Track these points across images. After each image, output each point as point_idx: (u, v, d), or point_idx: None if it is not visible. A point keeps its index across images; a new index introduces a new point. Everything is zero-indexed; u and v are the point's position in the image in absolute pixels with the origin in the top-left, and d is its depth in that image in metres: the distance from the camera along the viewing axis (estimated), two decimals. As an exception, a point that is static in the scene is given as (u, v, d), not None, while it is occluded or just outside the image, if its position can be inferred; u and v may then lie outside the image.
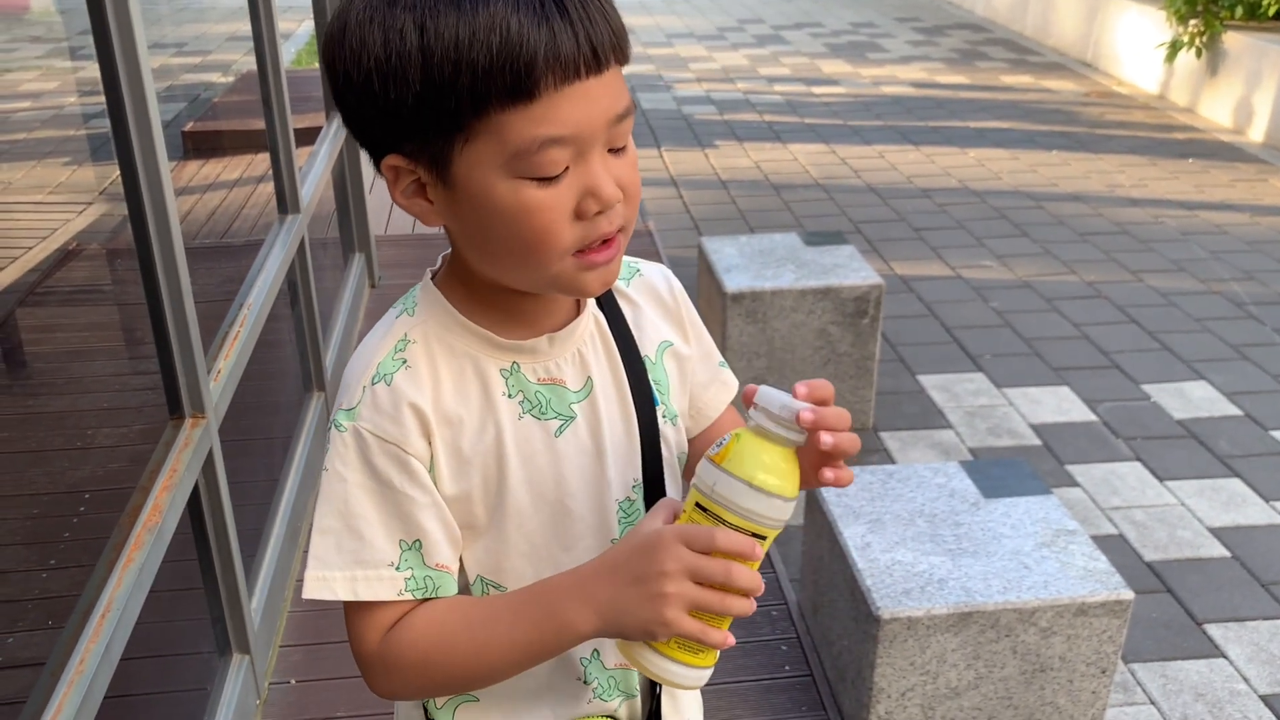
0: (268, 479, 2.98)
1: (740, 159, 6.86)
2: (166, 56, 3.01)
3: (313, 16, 4.32)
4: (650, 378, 1.13)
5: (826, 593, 2.53)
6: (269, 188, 3.19)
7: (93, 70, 1.91)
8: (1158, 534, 3.31)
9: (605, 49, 0.92)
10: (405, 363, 1.02)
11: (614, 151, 0.97)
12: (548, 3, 0.89)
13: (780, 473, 0.93)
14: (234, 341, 2.40)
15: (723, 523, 0.93)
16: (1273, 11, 7.34)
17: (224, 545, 2.28)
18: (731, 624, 0.97)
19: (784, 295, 3.61)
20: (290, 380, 3.39)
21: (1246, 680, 2.75)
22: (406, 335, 1.03)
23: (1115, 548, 3.22)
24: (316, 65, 4.46)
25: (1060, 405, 4.04)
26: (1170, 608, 3.01)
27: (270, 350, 3.00)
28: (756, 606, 0.95)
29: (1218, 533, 3.32)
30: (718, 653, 0.99)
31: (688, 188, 6.35)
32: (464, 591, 1.09)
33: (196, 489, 2.14)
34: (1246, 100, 7.28)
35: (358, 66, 0.92)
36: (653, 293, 1.18)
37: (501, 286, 1.03)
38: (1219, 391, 4.14)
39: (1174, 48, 7.80)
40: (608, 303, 1.13)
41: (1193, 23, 7.64)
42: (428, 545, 1.02)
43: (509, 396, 1.05)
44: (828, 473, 0.97)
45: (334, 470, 1.01)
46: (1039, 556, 2.33)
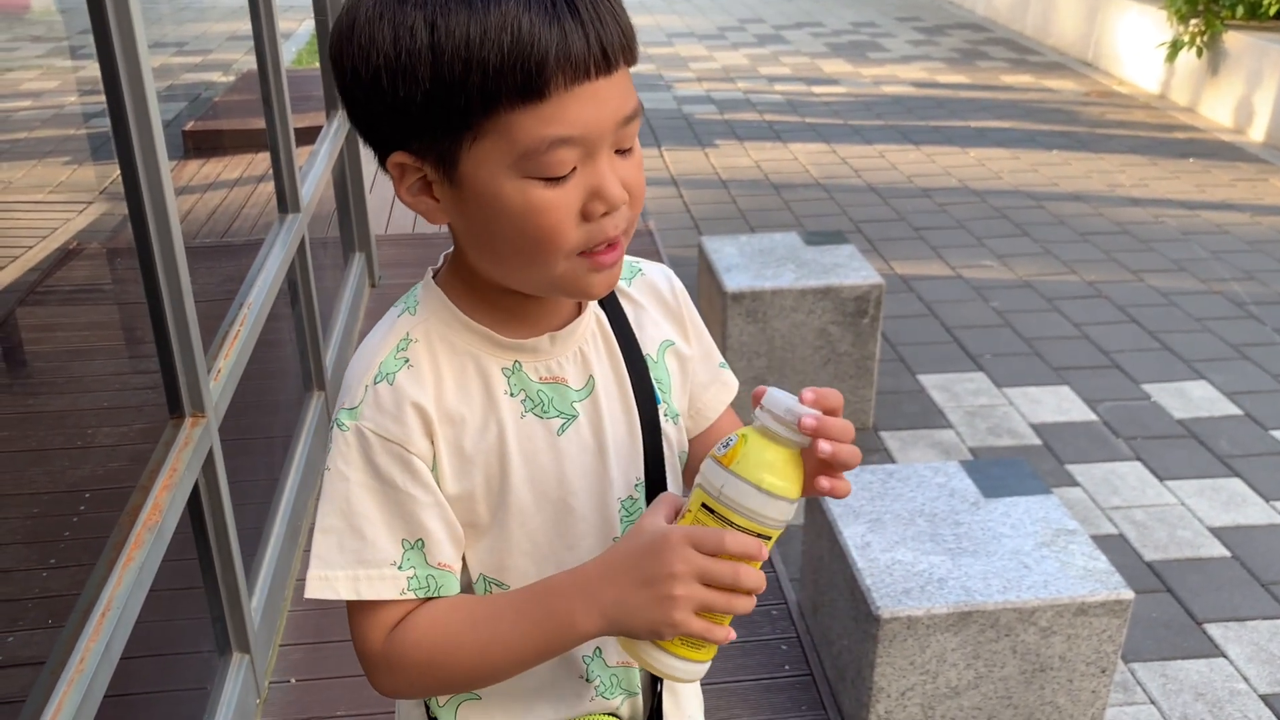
0: (268, 478, 2.98)
1: (740, 158, 6.86)
2: (167, 56, 3.01)
3: (313, 16, 4.32)
4: (652, 376, 1.13)
5: (826, 592, 2.53)
6: (269, 187, 3.19)
7: (93, 69, 1.91)
8: (1158, 534, 3.31)
9: (615, 50, 0.92)
10: (408, 362, 1.02)
11: (620, 153, 0.97)
12: (559, 3, 0.89)
13: (786, 475, 0.95)
14: (234, 341, 2.40)
15: (730, 524, 0.94)
16: (1273, 11, 7.34)
17: (224, 544, 2.28)
18: (730, 620, 0.98)
19: (784, 295, 3.61)
20: (290, 380, 3.39)
21: (1246, 680, 2.75)
22: (409, 334, 1.03)
23: (1115, 547, 3.22)
24: (317, 65, 4.46)
25: (1060, 405, 4.04)
26: (1170, 607, 3.01)
27: (270, 350, 3.00)
28: (757, 605, 0.96)
29: (1218, 532, 3.32)
30: (717, 646, 1.00)
31: (688, 187, 6.35)
32: (467, 590, 1.09)
33: (196, 488, 2.14)
34: (1247, 100, 7.28)
35: (366, 63, 0.91)
36: (654, 292, 1.18)
37: (503, 285, 1.03)
38: (1219, 391, 4.14)
39: (1175, 47, 7.80)
40: (609, 301, 1.13)
41: (1193, 22, 7.64)
42: (430, 544, 1.02)
43: (511, 395, 1.05)
44: (824, 481, 0.97)
45: (336, 470, 1.01)
46: (1039, 556, 2.33)
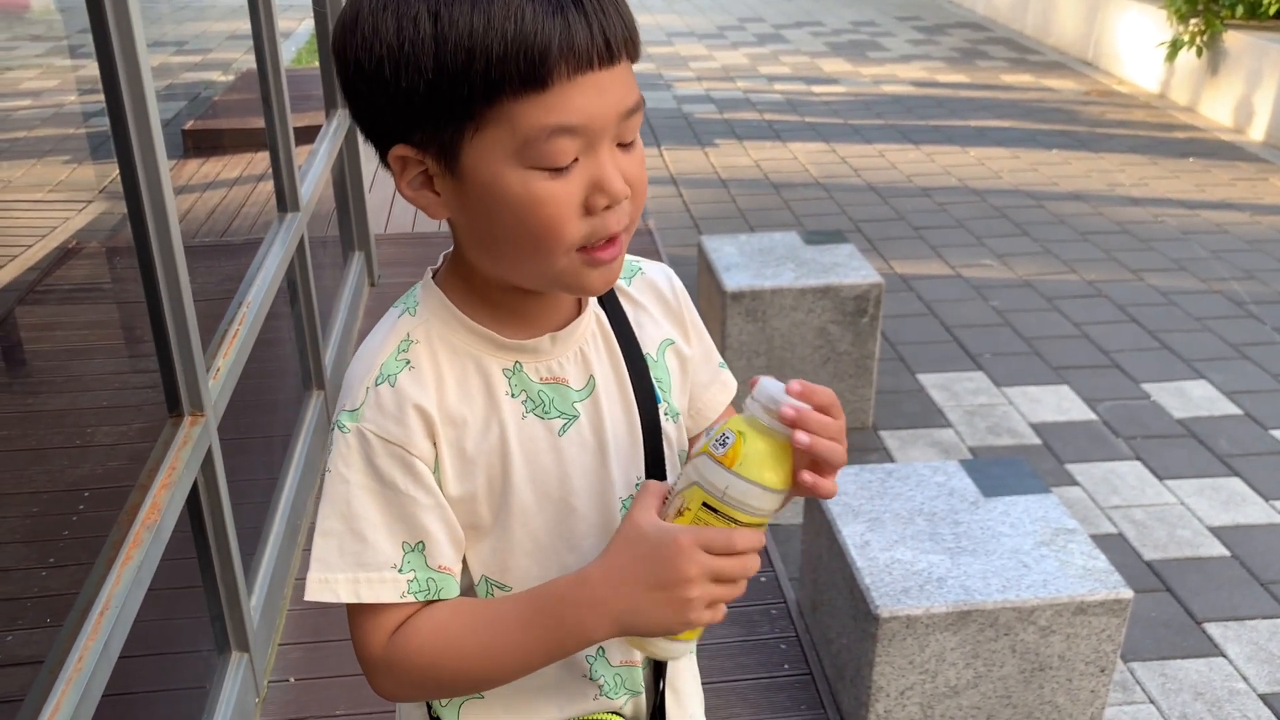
0: (267, 477, 2.98)
1: (740, 158, 6.86)
2: (166, 55, 3.00)
3: (312, 15, 4.32)
4: (652, 375, 1.13)
5: (825, 591, 2.53)
6: (268, 186, 3.19)
7: (92, 69, 1.91)
8: (1157, 533, 3.31)
9: (618, 41, 0.93)
10: (409, 363, 1.02)
11: (622, 148, 0.97)
12: None
13: (783, 467, 0.96)
14: (233, 340, 2.40)
15: (734, 522, 0.95)
16: (1273, 10, 7.34)
17: (223, 543, 2.28)
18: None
19: (784, 294, 3.60)
20: (289, 379, 3.39)
21: (1246, 679, 2.75)
22: (409, 335, 1.03)
23: (1115, 547, 3.22)
24: (316, 64, 4.45)
25: (1060, 404, 4.04)
26: (1170, 607, 3.01)
27: (269, 349, 3.00)
28: (755, 605, 0.96)
29: (1217, 532, 3.32)
30: None
31: (687, 186, 6.35)
32: (468, 592, 1.08)
33: (195, 487, 2.14)
34: (1247, 99, 7.28)
35: (370, 54, 0.92)
36: (655, 291, 1.18)
37: (503, 284, 1.03)
38: (1219, 390, 4.14)
39: (1174, 47, 7.79)
40: (609, 301, 1.13)
41: (1193, 22, 7.63)
42: (431, 547, 1.02)
43: (512, 396, 1.05)
44: (806, 476, 0.96)
45: (336, 472, 1.01)
46: (1038, 555, 2.33)
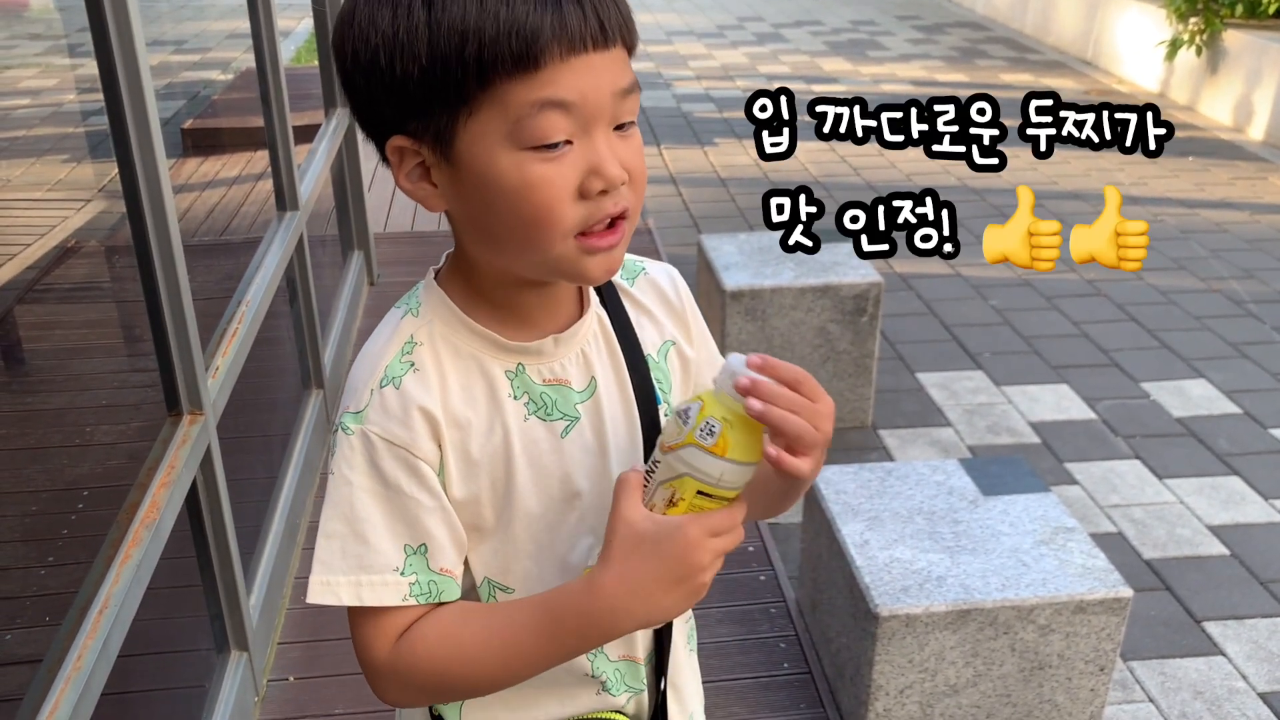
0: (266, 476, 2.98)
1: (740, 157, 6.85)
2: (165, 54, 3.00)
3: (312, 14, 4.32)
4: (653, 376, 1.13)
5: (825, 590, 2.53)
6: (268, 185, 3.19)
7: (91, 67, 1.91)
8: (1157, 532, 3.31)
9: (612, 26, 0.94)
10: (413, 365, 1.01)
11: (621, 135, 0.97)
12: None
13: (759, 441, 0.97)
14: (232, 339, 2.40)
15: (726, 500, 0.97)
16: (1273, 10, 7.34)
17: (222, 542, 2.28)
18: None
19: (783, 293, 3.60)
20: (289, 378, 3.39)
21: (1245, 678, 2.75)
22: (413, 337, 1.03)
23: (1114, 546, 3.22)
24: (316, 63, 4.45)
25: (1059, 403, 4.04)
26: (1169, 606, 3.01)
27: (269, 348, 3.00)
28: (755, 603, 0.96)
29: (1217, 531, 3.32)
30: None
31: (687, 185, 6.35)
32: (469, 593, 1.08)
33: (194, 486, 2.14)
34: (1246, 98, 7.27)
35: (366, 44, 0.93)
36: (657, 292, 1.18)
37: (505, 282, 1.03)
38: (1218, 390, 4.14)
39: (1174, 46, 7.79)
40: (611, 301, 1.13)
41: (1193, 21, 7.63)
42: (433, 549, 1.02)
43: (514, 398, 1.05)
44: (770, 449, 0.94)
45: (340, 474, 1.01)
46: (1038, 554, 2.33)
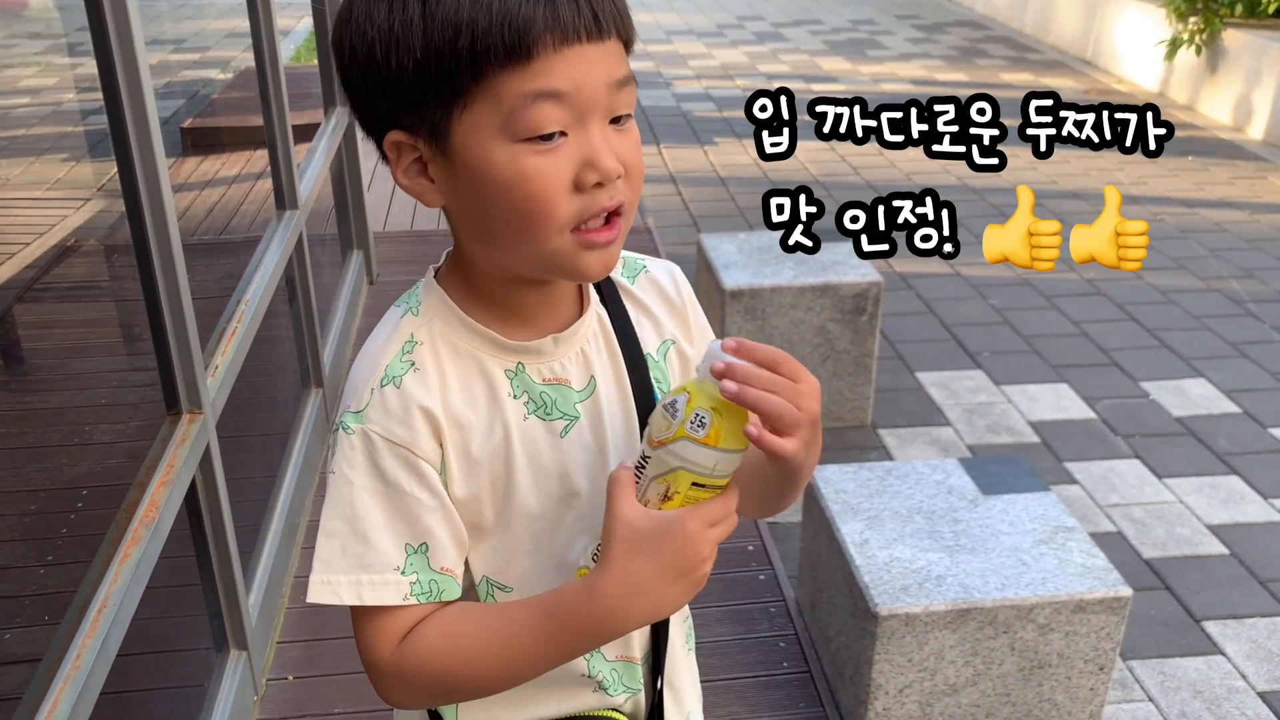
0: (265, 475, 2.98)
1: (739, 156, 6.85)
2: (165, 53, 3.00)
3: (311, 13, 4.32)
4: (652, 375, 1.13)
5: (824, 589, 2.53)
6: (267, 184, 3.19)
7: (91, 67, 1.91)
8: (1156, 531, 3.31)
9: (606, 17, 0.94)
10: (414, 365, 1.01)
11: (616, 128, 0.97)
12: None
13: (744, 422, 0.96)
14: (231, 338, 2.40)
15: (719, 488, 0.98)
16: (1272, 9, 7.34)
17: (221, 541, 2.28)
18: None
19: (783, 292, 3.60)
20: (288, 377, 3.39)
21: (1244, 677, 2.75)
22: (413, 336, 1.03)
23: (1114, 545, 3.22)
24: (315, 62, 4.45)
25: (1059, 402, 4.04)
26: (1168, 605, 3.01)
27: (268, 347, 3.00)
28: (755, 602, 0.96)
29: (1216, 530, 3.32)
30: None
31: (687, 185, 6.35)
32: (468, 591, 1.08)
33: (194, 485, 2.14)
34: (1246, 98, 7.27)
35: (363, 39, 0.94)
36: (659, 290, 1.18)
37: (504, 280, 1.03)
38: (1218, 389, 4.14)
39: (1174, 45, 7.79)
40: (611, 300, 1.13)
41: (1192, 20, 7.63)
42: (434, 548, 1.02)
43: (514, 397, 1.05)
44: (751, 428, 0.94)
45: (340, 473, 1.01)
46: (1037, 553, 2.33)
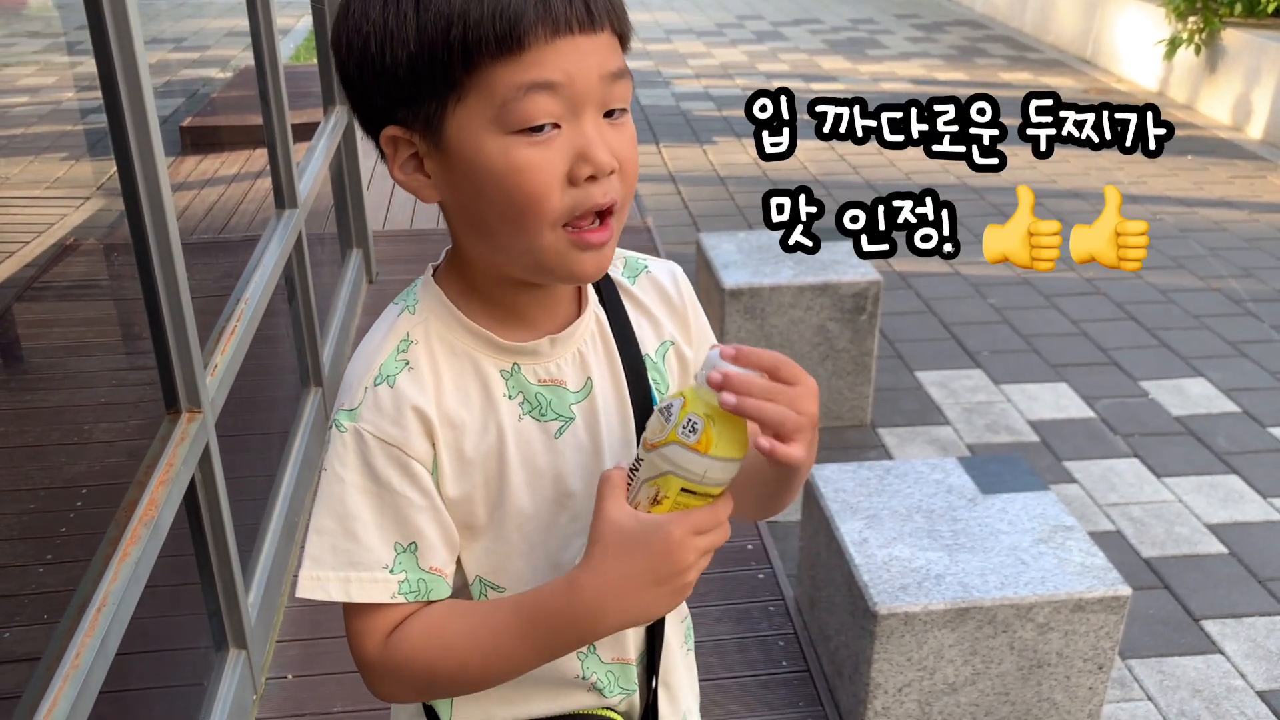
0: (265, 474, 2.98)
1: (739, 155, 6.85)
2: (164, 52, 3.00)
3: (310, 12, 4.31)
4: (650, 377, 1.12)
5: (824, 588, 2.53)
6: (266, 183, 3.19)
7: (90, 65, 1.91)
8: (1155, 530, 3.31)
9: (598, 9, 0.94)
10: (408, 364, 1.02)
11: (611, 122, 0.97)
12: None
13: (743, 432, 0.96)
14: (230, 336, 2.40)
15: (711, 497, 0.97)
16: (1271, 9, 7.34)
17: (220, 540, 2.28)
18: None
19: (782, 291, 3.60)
20: (287, 376, 3.39)
21: (1243, 676, 2.75)
22: (409, 335, 1.03)
23: (1113, 544, 3.22)
24: (314, 61, 4.45)
25: (1058, 402, 4.04)
26: (1168, 604, 3.01)
27: (267, 346, 3.00)
28: (754, 601, 0.96)
29: (1215, 529, 3.32)
30: None
31: (686, 184, 6.35)
32: (462, 591, 1.08)
33: (193, 484, 2.14)
34: (1245, 97, 7.28)
35: (358, 34, 0.95)
36: (659, 291, 1.17)
37: (501, 277, 1.03)
38: (1217, 388, 4.14)
39: (1173, 45, 7.79)
40: (611, 300, 1.12)
41: (1192, 20, 7.63)
42: (423, 548, 1.02)
43: (509, 398, 1.05)
44: (762, 441, 0.94)
45: (332, 471, 1.01)
46: (1036, 552, 2.33)
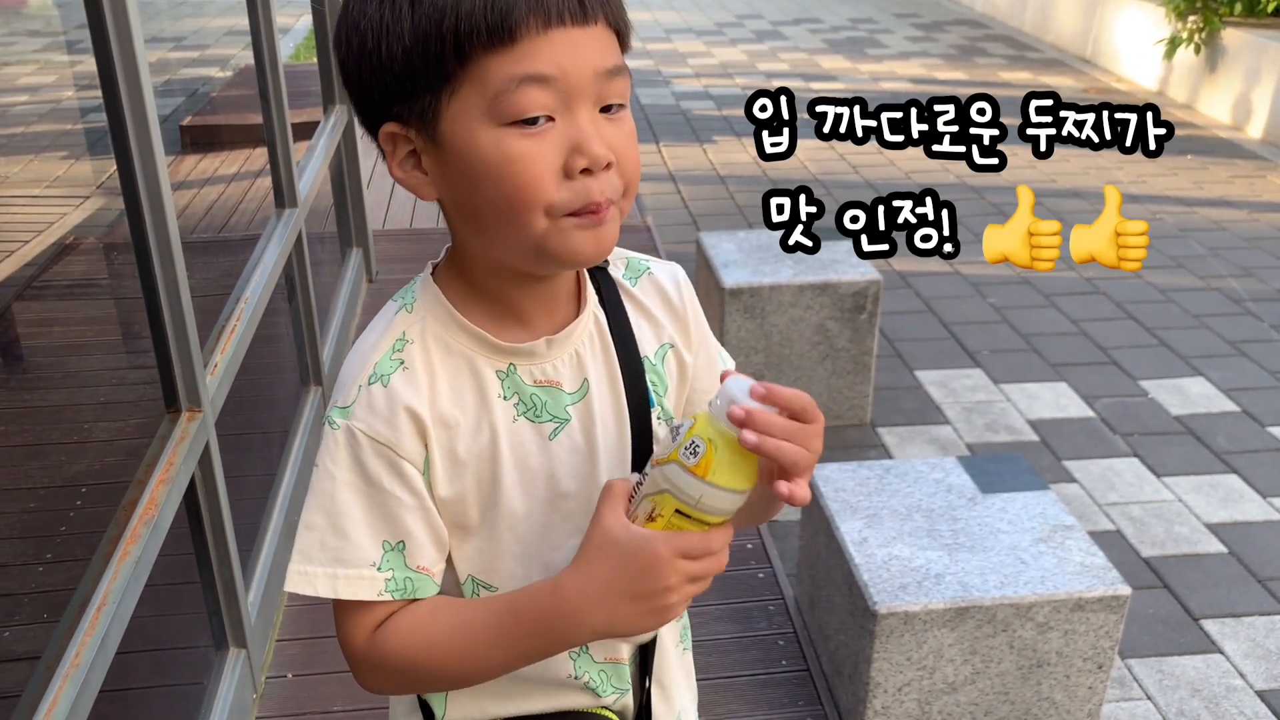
0: (265, 473, 2.98)
1: (738, 154, 6.85)
2: (164, 51, 3.00)
3: (310, 11, 4.31)
4: (648, 379, 1.12)
5: (823, 588, 2.53)
6: (266, 182, 3.19)
7: (90, 64, 1.91)
8: (1155, 530, 3.31)
9: (592, 2, 0.94)
10: (403, 364, 1.02)
11: (608, 117, 0.97)
12: None
13: (750, 467, 0.95)
14: (230, 335, 2.40)
15: (706, 524, 0.95)
16: (1271, 8, 7.34)
17: (220, 539, 2.28)
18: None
19: (782, 290, 3.60)
20: (287, 375, 3.39)
21: (1243, 676, 2.75)
22: (405, 334, 1.03)
23: (1112, 543, 3.22)
24: (314, 60, 4.45)
25: (1058, 401, 4.05)
26: (1167, 603, 3.01)
27: (267, 345, 3.00)
28: (753, 600, 0.97)
29: (1215, 529, 3.32)
30: None
31: (686, 183, 6.35)
32: (454, 589, 1.09)
33: (193, 483, 2.14)
34: (1245, 97, 7.28)
35: (356, 30, 0.95)
36: (660, 293, 1.17)
37: (499, 276, 1.03)
38: (1216, 388, 4.14)
39: (1173, 44, 7.79)
40: (611, 301, 1.12)
41: (1191, 19, 7.63)
42: (411, 547, 1.02)
43: (504, 399, 1.05)
44: (782, 487, 0.94)
45: (324, 467, 1.02)
46: (1036, 552, 2.33)
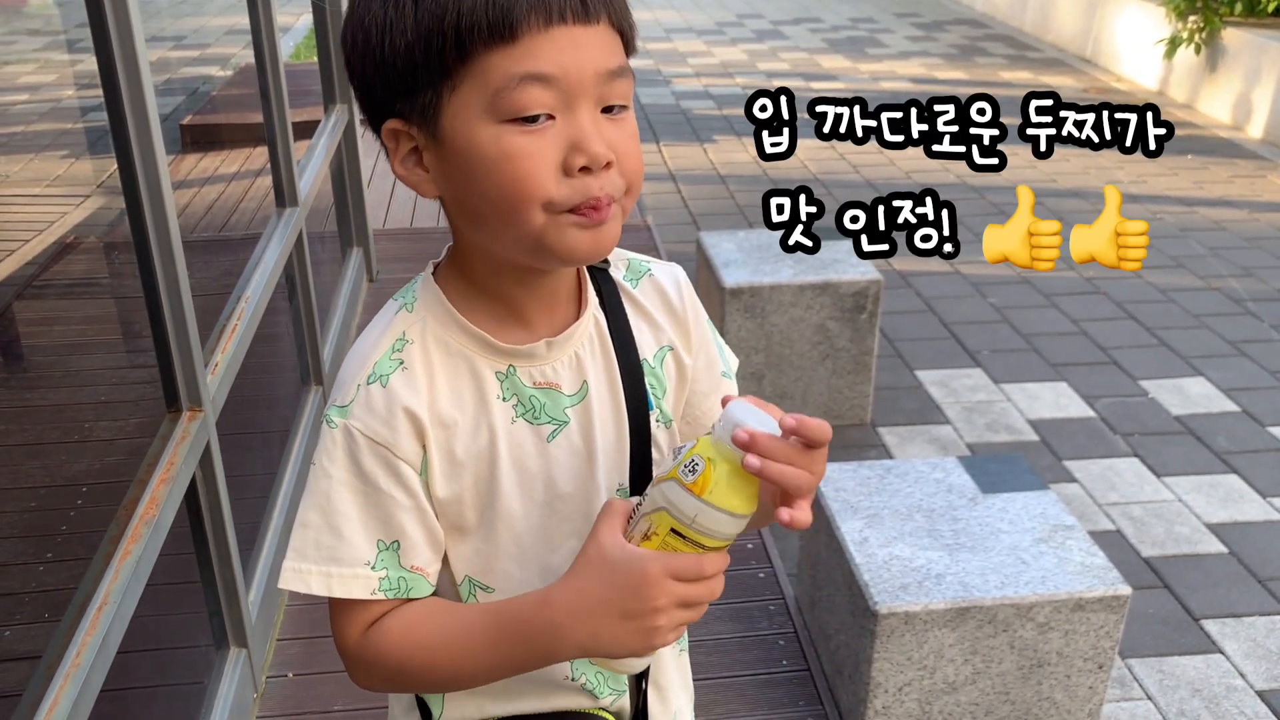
0: (265, 472, 2.98)
1: (739, 154, 6.85)
2: (165, 50, 3.00)
3: (311, 10, 4.31)
4: (647, 381, 1.12)
5: (824, 587, 2.53)
6: (267, 181, 3.19)
7: (91, 63, 1.91)
8: (1155, 530, 3.31)
9: (596, 1, 0.94)
10: (402, 364, 1.02)
11: (610, 117, 0.97)
12: None
13: (750, 492, 0.94)
14: (231, 335, 2.40)
15: (701, 547, 0.94)
16: (1272, 8, 7.34)
17: (221, 538, 2.28)
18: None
19: (782, 290, 3.60)
20: (288, 374, 3.39)
21: (1243, 676, 2.75)
22: (405, 334, 1.03)
23: (1113, 543, 3.22)
24: (315, 59, 4.45)
25: (1058, 401, 4.05)
26: (1167, 603, 3.01)
27: (268, 344, 3.00)
28: (754, 600, 0.97)
29: (1215, 529, 3.32)
30: None
31: (686, 183, 6.35)
32: (450, 590, 1.09)
33: (194, 482, 2.14)
34: (1245, 96, 7.28)
35: (361, 26, 0.96)
36: (661, 295, 1.16)
37: (500, 274, 1.03)
38: (1217, 388, 4.14)
39: (1173, 44, 7.79)
40: (611, 302, 1.12)
41: (1192, 19, 7.63)
42: (406, 547, 1.02)
43: (503, 400, 1.05)
44: (783, 513, 0.94)
45: (320, 465, 1.02)
46: (1036, 552, 2.33)
